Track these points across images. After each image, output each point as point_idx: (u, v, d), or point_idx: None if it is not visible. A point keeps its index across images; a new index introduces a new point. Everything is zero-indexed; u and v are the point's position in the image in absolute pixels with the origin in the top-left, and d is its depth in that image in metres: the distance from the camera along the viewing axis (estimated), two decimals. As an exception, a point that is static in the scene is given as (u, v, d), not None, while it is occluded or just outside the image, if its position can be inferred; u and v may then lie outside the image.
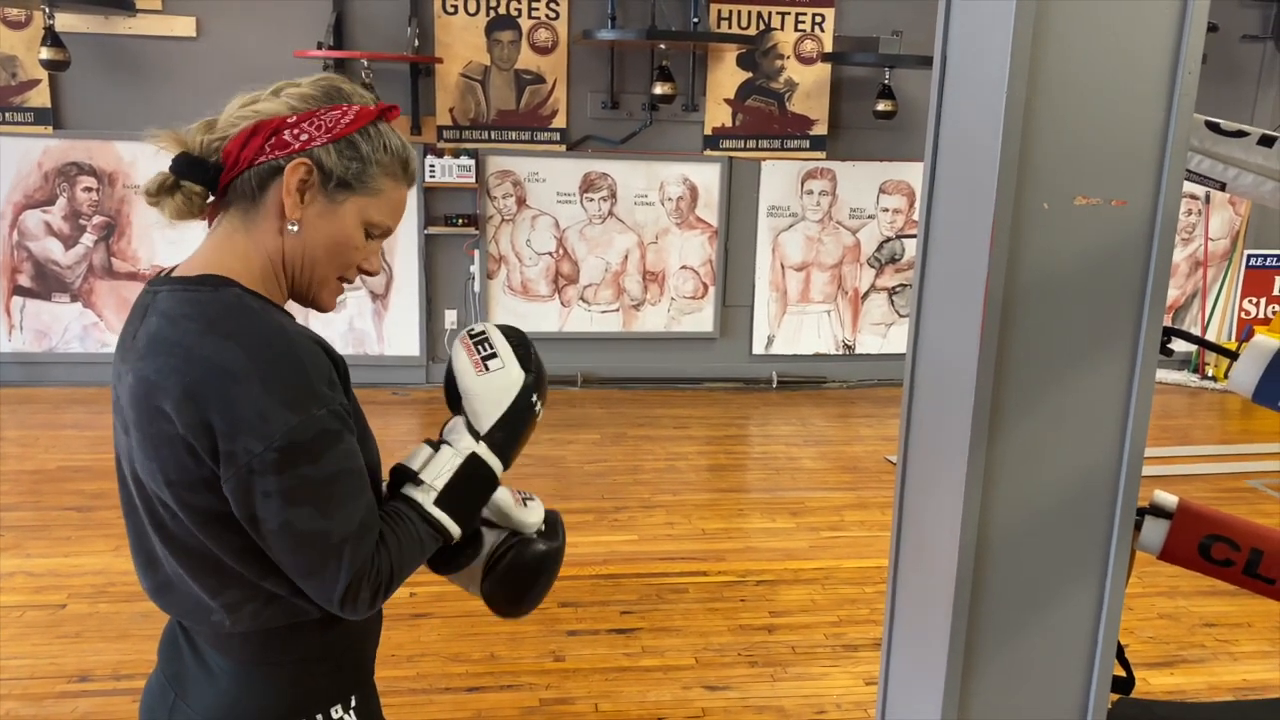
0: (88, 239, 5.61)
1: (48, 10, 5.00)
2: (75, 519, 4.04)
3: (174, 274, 1.22)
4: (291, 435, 1.10)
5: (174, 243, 5.56)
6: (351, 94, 1.24)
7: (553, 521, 1.44)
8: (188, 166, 1.21)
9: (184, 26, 5.43)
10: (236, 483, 1.11)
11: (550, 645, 3.20)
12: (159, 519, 1.20)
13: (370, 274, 1.29)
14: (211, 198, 1.23)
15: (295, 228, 1.20)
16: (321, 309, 1.30)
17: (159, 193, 1.22)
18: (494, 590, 1.39)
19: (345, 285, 1.30)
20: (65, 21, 5.20)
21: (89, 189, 5.54)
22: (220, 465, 1.12)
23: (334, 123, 1.20)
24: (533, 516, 1.40)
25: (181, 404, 1.11)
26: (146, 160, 5.46)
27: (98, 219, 5.59)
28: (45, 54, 5.03)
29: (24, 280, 5.61)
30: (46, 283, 5.62)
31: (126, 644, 3.11)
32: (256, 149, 1.19)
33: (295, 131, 1.19)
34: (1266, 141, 1.63)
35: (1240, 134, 1.65)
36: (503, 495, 1.40)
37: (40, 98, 5.42)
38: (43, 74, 5.33)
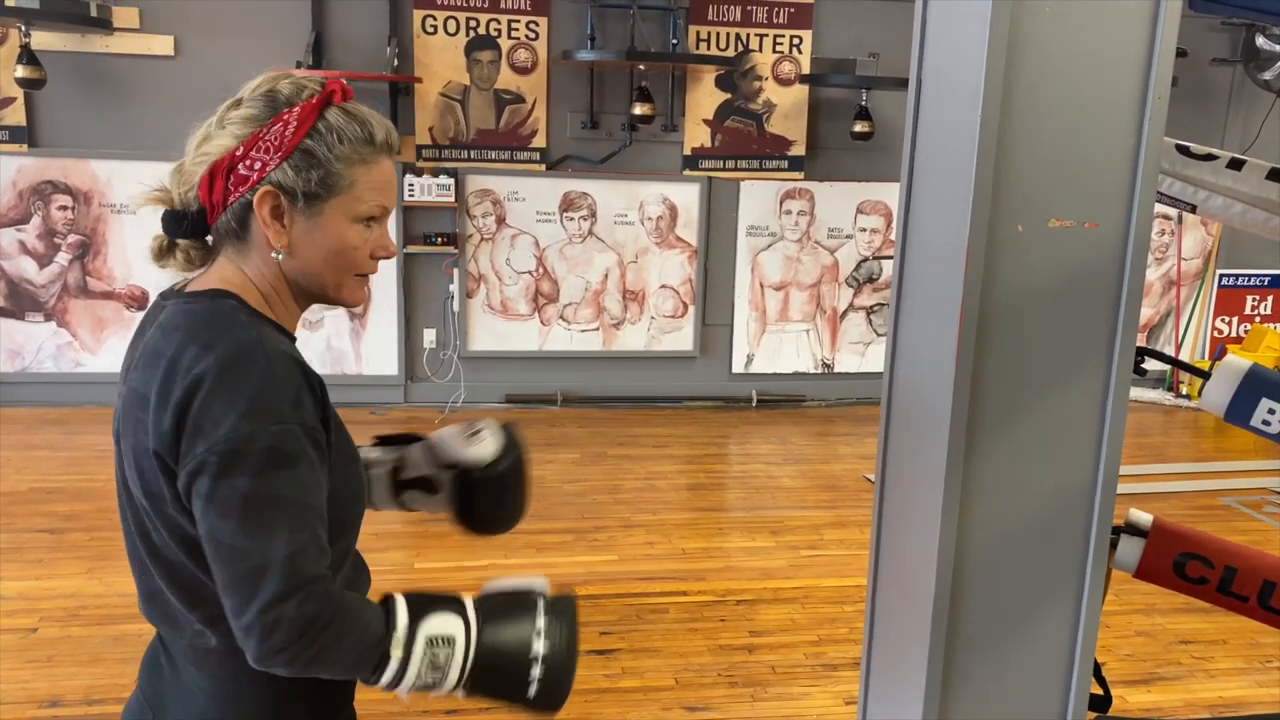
0: (62, 258, 5.56)
1: (24, 28, 4.97)
2: (47, 541, 3.98)
3: (184, 289, 1.24)
4: (234, 443, 1.08)
5: (150, 263, 5.51)
6: (294, 95, 1.19)
7: (507, 442, 1.47)
8: (175, 224, 1.23)
9: (162, 45, 5.41)
10: (185, 486, 1.11)
11: (529, 667, 3.18)
12: (144, 529, 1.20)
13: (386, 257, 1.27)
14: (210, 238, 1.25)
15: (281, 255, 1.20)
16: (351, 305, 1.30)
17: (161, 255, 1.25)
18: (476, 527, 1.48)
19: (369, 274, 1.29)
20: (41, 39, 5.17)
21: (64, 207, 5.50)
22: (171, 467, 1.12)
23: (279, 139, 1.17)
24: (484, 452, 1.43)
25: (156, 414, 1.12)
26: (122, 179, 5.44)
27: (73, 238, 5.54)
28: (21, 72, 5.00)
29: (-3, 299, 5.55)
30: (20, 302, 5.57)
31: (99, 668, 3.06)
32: (222, 191, 1.19)
33: (248, 163, 1.18)
34: (1235, 165, 1.66)
35: (1210, 157, 1.68)
36: (450, 434, 1.45)
37: (15, 116, 5.38)
38: (18, 92, 5.29)
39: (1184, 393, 6.69)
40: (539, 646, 1.22)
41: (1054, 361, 1.43)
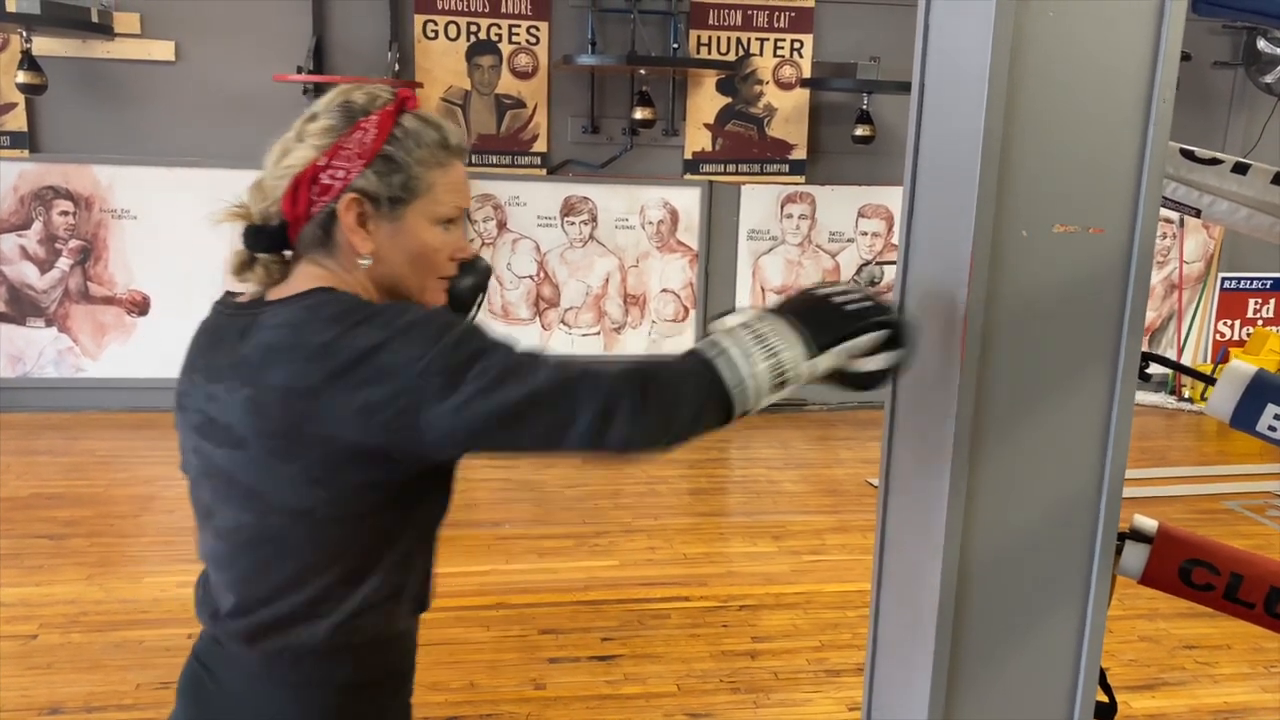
0: (64, 263, 5.56)
1: (25, 34, 4.97)
2: (47, 547, 3.97)
3: (268, 298, 1.24)
4: (441, 358, 1.11)
5: (151, 268, 5.52)
6: (369, 104, 1.23)
7: None
8: (257, 238, 1.25)
9: (162, 50, 5.41)
10: (426, 429, 1.11)
11: (530, 673, 3.17)
12: (272, 527, 1.19)
13: (465, 259, 1.30)
14: (289, 253, 1.27)
15: (368, 261, 1.23)
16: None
17: (241, 270, 1.26)
18: None
19: (449, 277, 1.31)
20: (42, 45, 5.17)
21: (65, 213, 5.50)
22: (397, 435, 1.12)
23: (360, 146, 1.21)
24: None
25: (344, 394, 1.11)
26: (124, 184, 5.44)
27: (74, 243, 5.54)
28: (22, 78, 5.00)
29: (-2, 305, 5.55)
30: (21, 307, 5.56)
31: (99, 675, 3.05)
32: (306, 202, 1.21)
33: (331, 172, 1.21)
34: (1240, 169, 1.65)
35: (1214, 161, 1.67)
36: None
37: (16, 121, 5.38)
38: (19, 97, 5.30)
39: (1186, 396, 6.68)
40: (823, 289, 1.29)
41: (1058, 367, 1.42)
